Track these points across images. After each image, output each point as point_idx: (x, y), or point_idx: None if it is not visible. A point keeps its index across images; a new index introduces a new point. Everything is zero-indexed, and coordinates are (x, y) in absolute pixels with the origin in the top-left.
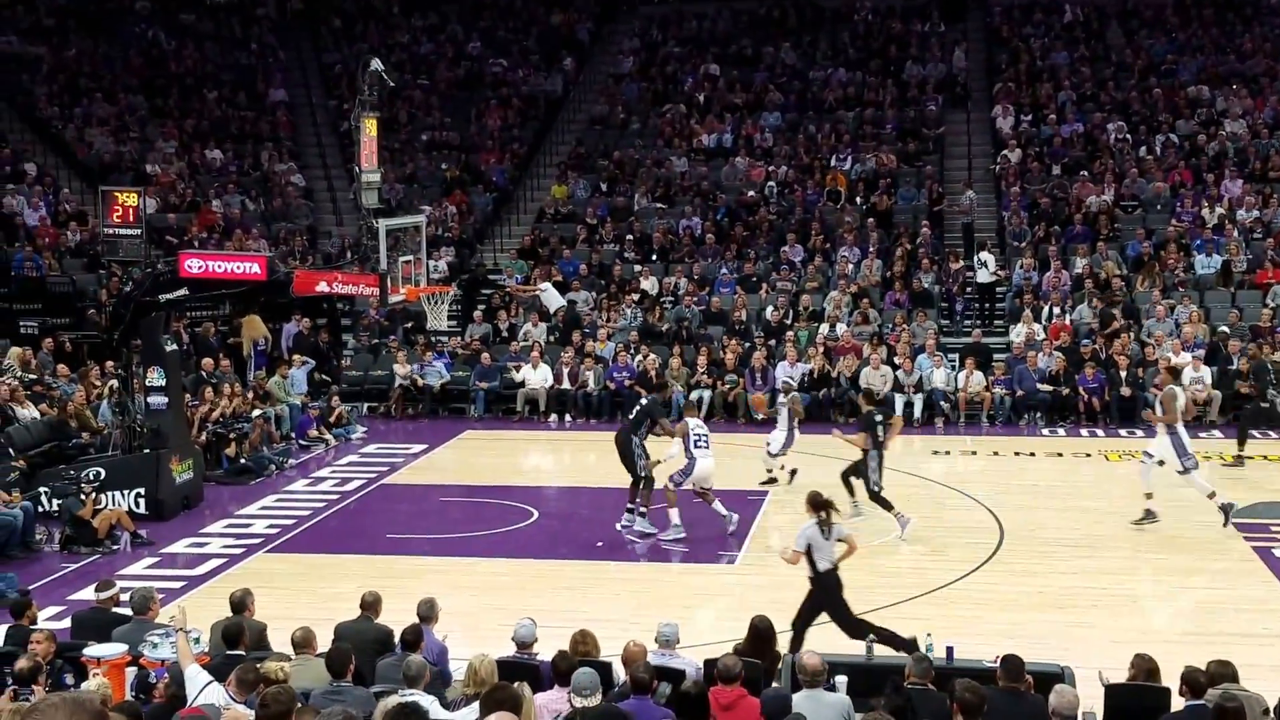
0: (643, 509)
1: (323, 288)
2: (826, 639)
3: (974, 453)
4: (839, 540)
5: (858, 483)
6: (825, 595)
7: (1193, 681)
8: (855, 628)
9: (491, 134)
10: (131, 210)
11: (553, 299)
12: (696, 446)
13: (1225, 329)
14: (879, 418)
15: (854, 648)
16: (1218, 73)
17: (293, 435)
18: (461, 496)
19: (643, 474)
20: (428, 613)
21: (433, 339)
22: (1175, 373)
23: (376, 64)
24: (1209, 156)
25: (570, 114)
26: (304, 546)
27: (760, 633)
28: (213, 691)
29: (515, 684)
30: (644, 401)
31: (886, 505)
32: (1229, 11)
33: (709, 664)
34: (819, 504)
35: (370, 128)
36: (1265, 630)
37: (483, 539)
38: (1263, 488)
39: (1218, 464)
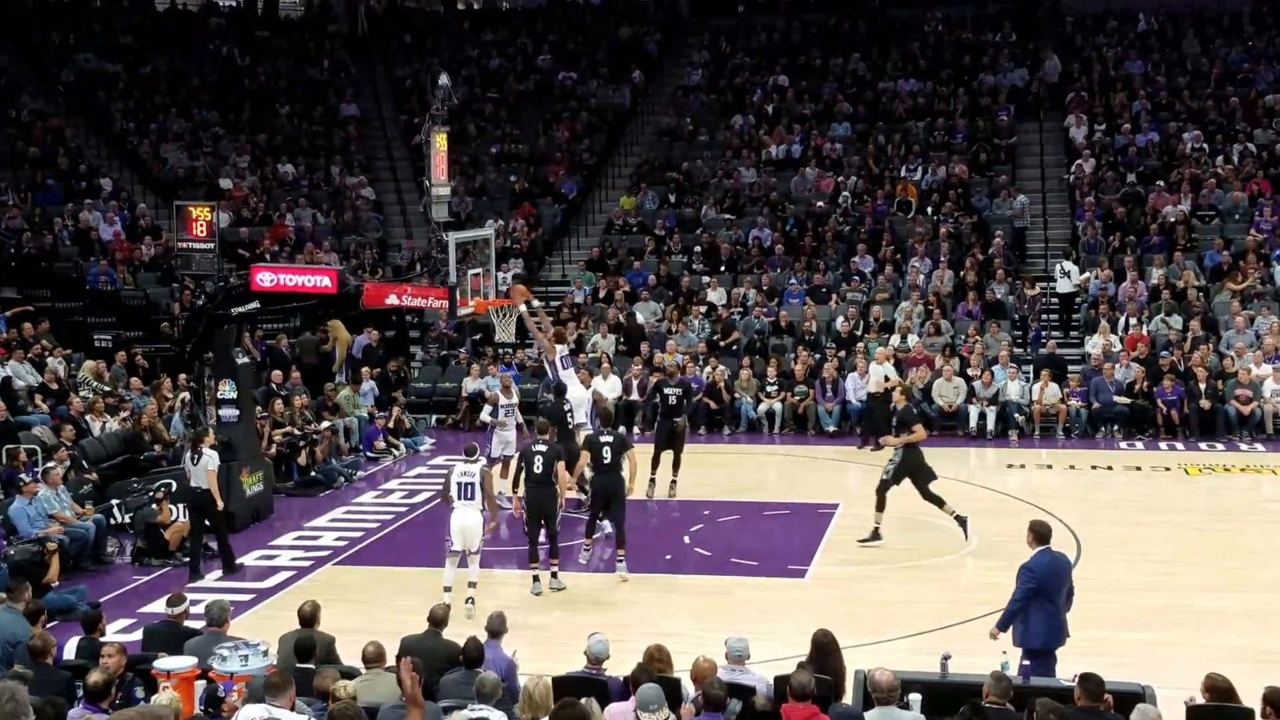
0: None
1: (392, 300)
2: (899, 658)
3: (1049, 466)
4: None
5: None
6: None
7: (1276, 701)
8: None
9: (560, 146)
10: (205, 224)
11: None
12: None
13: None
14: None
15: (928, 665)
16: None
17: (360, 447)
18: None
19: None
20: (498, 626)
21: (500, 351)
22: None
23: (445, 79)
24: None
25: (639, 126)
26: (373, 559)
27: (823, 646)
28: (251, 711)
29: (583, 699)
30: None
31: (880, 505)
32: None
33: (779, 680)
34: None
35: (440, 141)
36: None
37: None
38: None
39: None
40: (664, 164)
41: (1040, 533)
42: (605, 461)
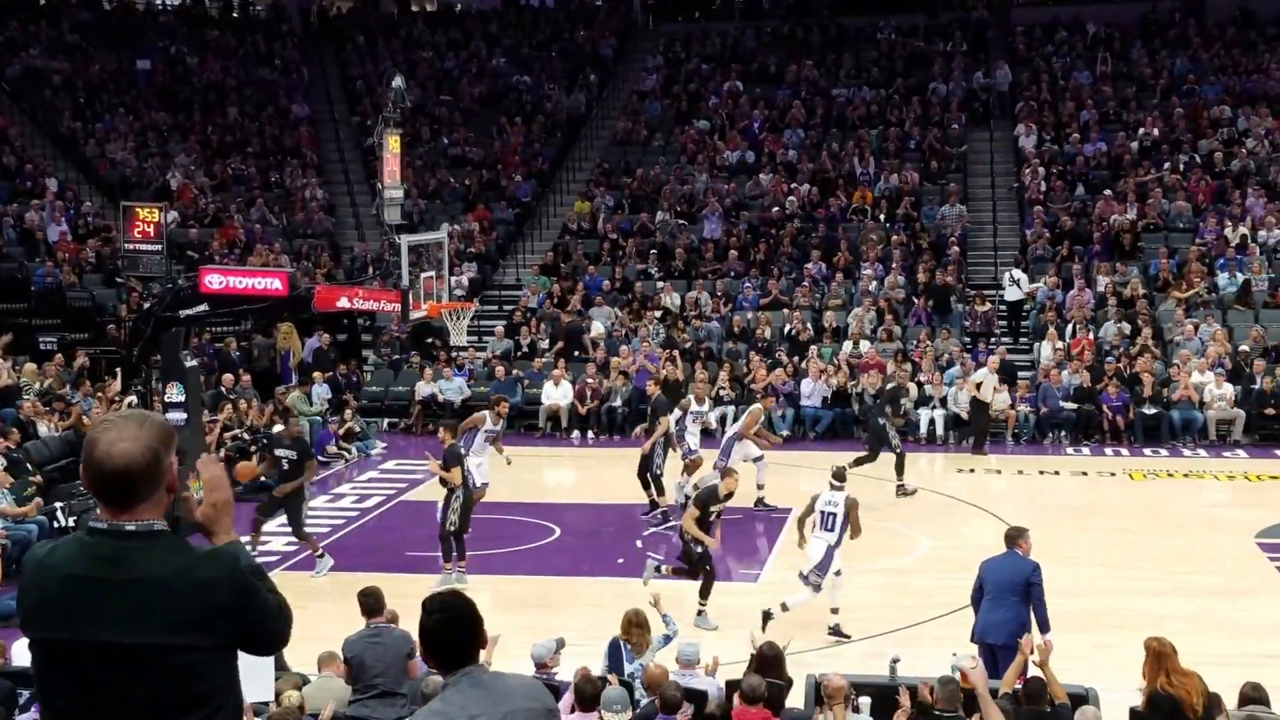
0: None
1: (344, 303)
2: (848, 661)
3: (998, 471)
4: None
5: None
6: None
7: (1214, 704)
8: None
9: (515, 150)
10: (153, 225)
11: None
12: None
13: (1246, 348)
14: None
15: (879, 669)
16: (1239, 92)
17: (313, 451)
18: (482, 513)
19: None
20: None
21: (453, 354)
22: None
23: (399, 80)
24: (1231, 175)
25: (593, 130)
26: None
27: (767, 659)
28: None
29: None
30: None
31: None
32: (1250, 31)
33: (731, 685)
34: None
35: (393, 143)
36: None
37: (504, 556)
38: None
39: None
40: (619, 169)
41: (1009, 536)
42: None
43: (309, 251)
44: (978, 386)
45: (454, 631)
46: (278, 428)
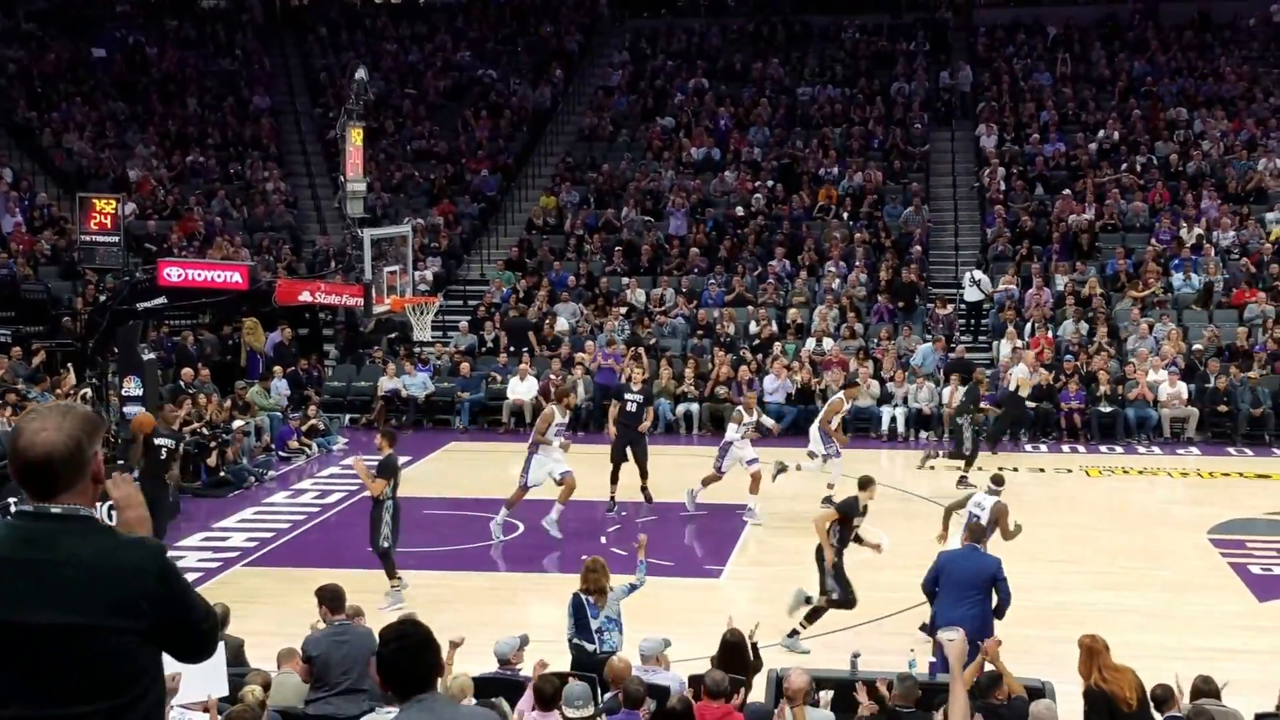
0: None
1: (306, 297)
2: (812, 656)
3: (958, 467)
4: None
5: None
6: None
7: (1160, 697)
8: None
9: (480, 144)
10: (110, 217)
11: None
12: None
13: (1200, 347)
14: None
15: (840, 663)
16: (1196, 95)
17: (273, 446)
18: (446, 509)
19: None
20: None
21: (416, 349)
22: None
23: (362, 72)
24: (1187, 177)
25: (559, 125)
26: (284, 560)
27: (731, 646)
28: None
29: (494, 699)
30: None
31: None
32: (1207, 34)
33: (694, 679)
34: None
35: (356, 136)
36: (1243, 646)
37: (468, 552)
38: (1239, 504)
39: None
40: (585, 164)
41: (972, 530)
42: None
43: (270, 245)
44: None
45: (410, 660)
46: (237, 423)
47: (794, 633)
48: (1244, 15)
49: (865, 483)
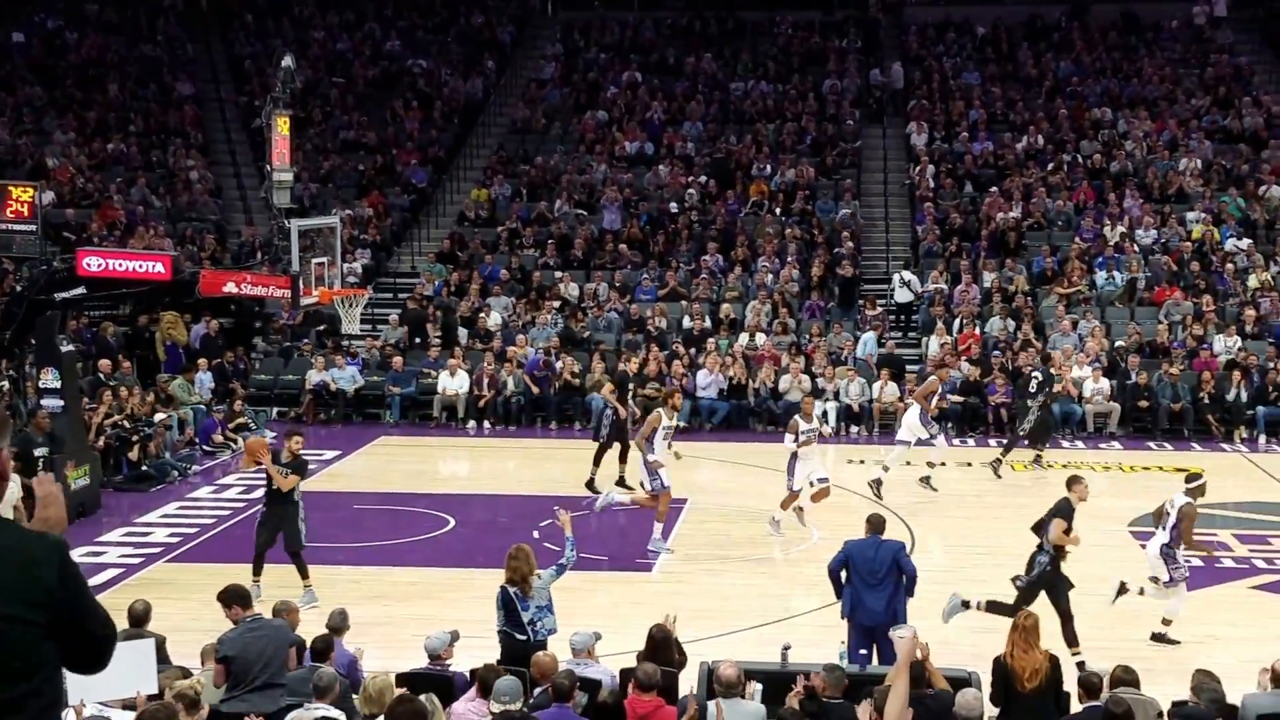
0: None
1: (231, 289)
2: (743, 649)
3: (879, 462)
4: None
5: None
6: None
7: (1088, 685)
8: None
9: (410, 135)
10: (27, 205)
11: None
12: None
13: (1122, 344)
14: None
15: (770, 656)
16: (1120, 95)
17: (197, 440)
18: (376, 504)
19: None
20: (339, 623)
21: (345, 343)
22: None
23: (289, 60)
24: (1111, 176)
25: (491, 117)
26: (208, 556)
27: (658, 641)
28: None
29: (423, 696)
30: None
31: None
32: (1131, 35)
33: (625, 673)
34: None
35: (282, 125)
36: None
37: (398, 547)
38: (1159, 498)
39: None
40: (517, 157)
41: (873, 523)
42: None
43: (194, 235)
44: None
45: None
46: (159, 416)
47: (966, 604)
48: (1167, 18)
49: (1073, 481)
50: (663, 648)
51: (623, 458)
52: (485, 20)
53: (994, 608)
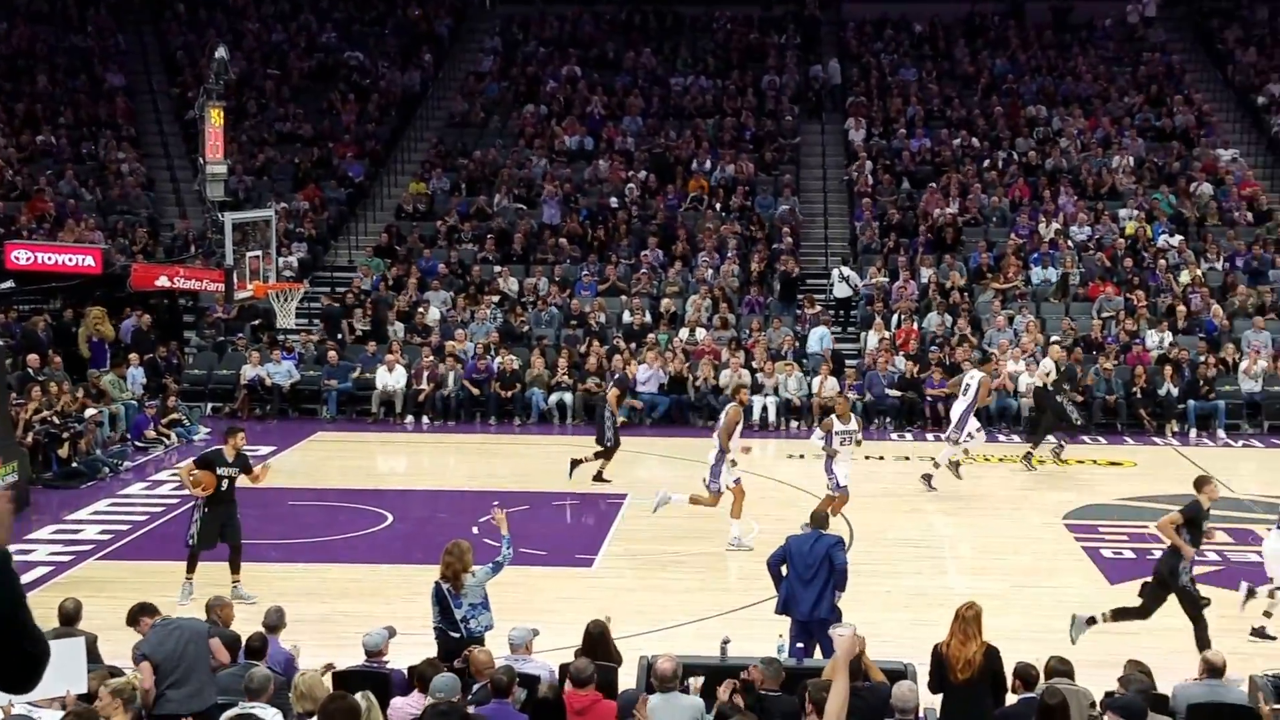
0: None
1: (163, 282)
2: (683, 643)
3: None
4: None
5: None
6: None
7: (1024, 675)
8: None
9: (347, 128)
10: None
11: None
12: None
13: (1057, 339)
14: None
15: (710, 650)
16: (1055, 93)
17: (129, 436)
18: (312, 500)
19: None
20: (275, 621)
21: (281, 337)
22: None
23: (222, 51)
24: (1046, 173)
25: (429, 110)
26: (141, 553)
27: (594, 637)
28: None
29: (358, 693)
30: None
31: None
32: (1065, 34)
33: (564, 668)
34: None
35: (216, 117)
36: (1096, 628)
37: (335, 544)
38: (1093, 490)
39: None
40: (455, 150)
41: (815, 518)
42: None
43: (125, 228)
44: (1046, 375)
45: None
46: (90, 412)
47: (1091, 620)
48: (1100, 17)
49: (1202, 482)
50: (600, 643)
51: (609, 455)
52: (423, 13)
53: (1120, 615)
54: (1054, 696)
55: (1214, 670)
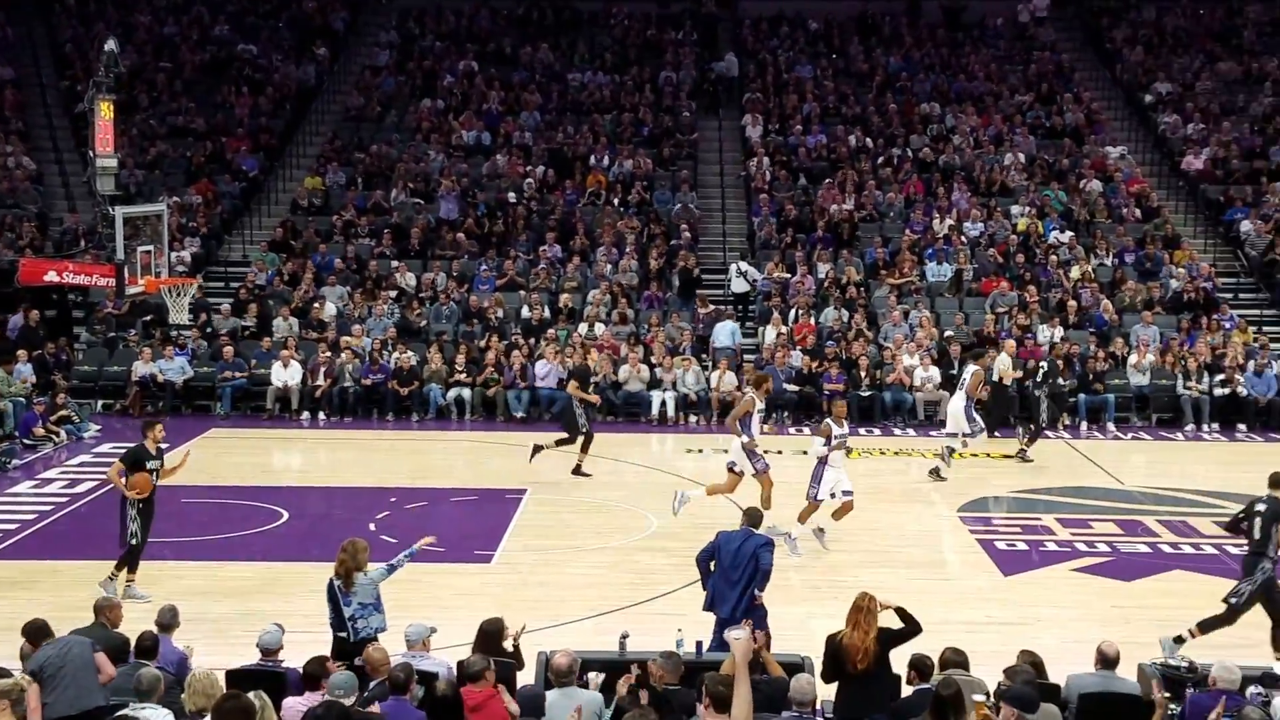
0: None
1: (52, 277)
2: (582, 639)
3: (725, 451)
4: None
5: None
6: None
7: (920, 667)
8: None
9: (240, 121)
10: None
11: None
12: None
13: (951, 333)
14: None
15: (609, 644)
16: (948, 91)
17: (16, 433)
18: (206, 497)
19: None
20: (169, 620)
21: (174, 333)
22: None
23: (112, 44)
24: (940, 170)
25: (324, 104)
26: (29, 552)
27: (489, 634)
28: None
29: (251, 693)
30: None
31: None
32: (957, 33)
33: (461, 665)
34: None
35: (105, 110)
36: (988, 618)
37: (229, 541)
38: (987, 484)
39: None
40: (352, 144)
41: (749, 515)
42: None
43: (13, 222)
44: (1004, 370)
45: None
46: None
47: (1180, 639)
48: (992, 15)
49: (1277, 479)
50: (494, 640)
51: (585, 448)
52: (317, 6)
53: (1206, 626)
54: (948, 687)
55: (1107, 661)
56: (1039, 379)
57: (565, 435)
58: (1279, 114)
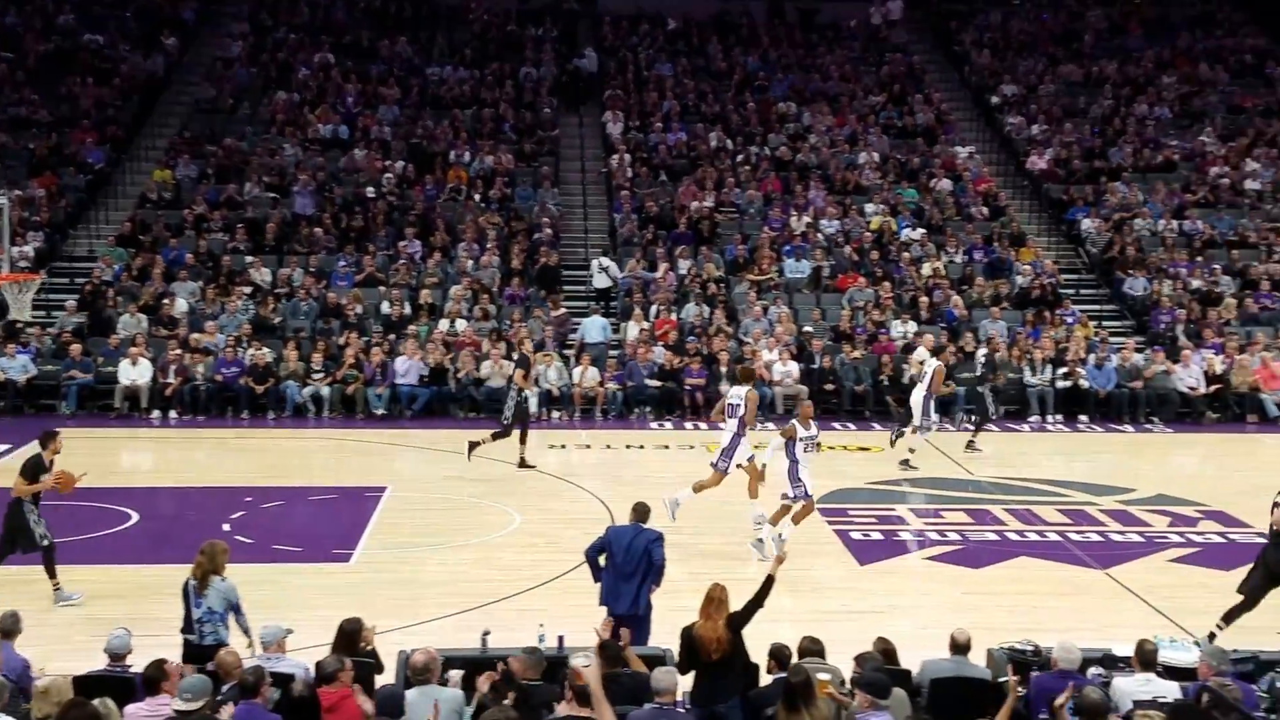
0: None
1: None
2: (443, 636)
3: (588, 446)
4: None
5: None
6: None
7: (779, 656)
8: None
9: (86, 113)
10: None
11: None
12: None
13: (809, 328)
14: None
15: (470, 642)
16: (804, 90)
17: None
18: (50, 499)
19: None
20: (11, 626)
21: (16, 329)
22: None
23: None
24: (797, 168)
25: (174, 96)
26: None
27: (348, 633)
28: None
29: (97, 700)
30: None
31: None
32: (813, 34)
33: (319, 665)
34: None
35: None
36: (844, 607)
37: (75, 544)
38: (843, 475)
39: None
40: (203, 137)
41: (637, 510)
42: None
43: None
44: (920, 364)
45: None
46: None
47: (1212, 635)
48: (846, 18)
49: None
50: (353, 640)
51: (523, 439)
52: None
53: (1231, 617)
54: (798, 675)
55: (958, 647)
56: (980, 374)
57: (502, 430)
58: (1118, 116)
